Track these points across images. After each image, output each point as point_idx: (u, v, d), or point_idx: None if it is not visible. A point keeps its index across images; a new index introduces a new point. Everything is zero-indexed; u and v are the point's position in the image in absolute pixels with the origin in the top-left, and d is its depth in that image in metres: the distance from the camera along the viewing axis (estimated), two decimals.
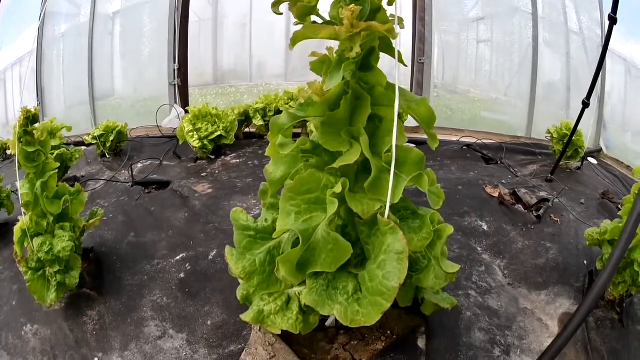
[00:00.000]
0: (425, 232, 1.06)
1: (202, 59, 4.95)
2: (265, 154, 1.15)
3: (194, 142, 2.47)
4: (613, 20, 2.38)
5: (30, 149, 1.60)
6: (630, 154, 3.85)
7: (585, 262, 2.03)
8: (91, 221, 1.83)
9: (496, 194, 2.19)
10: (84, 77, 4.41)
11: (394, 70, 0.90)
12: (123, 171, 2.90)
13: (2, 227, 2.27)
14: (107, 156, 3.24)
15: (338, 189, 0.98)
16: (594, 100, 3.88)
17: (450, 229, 1.06)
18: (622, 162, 3.78)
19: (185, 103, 3.62)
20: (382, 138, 1.03)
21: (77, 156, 2.88)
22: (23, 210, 1.64)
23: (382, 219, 0.96)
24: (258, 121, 2.73)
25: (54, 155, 2.76)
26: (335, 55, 0.96)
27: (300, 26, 0.96)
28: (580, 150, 2.92)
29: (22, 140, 1.61)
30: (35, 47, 4.74)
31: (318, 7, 1.04)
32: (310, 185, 1.04)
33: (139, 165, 2.92)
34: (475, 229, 1.94)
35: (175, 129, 2.95)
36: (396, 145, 0.95)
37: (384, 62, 1.03)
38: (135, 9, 4.13)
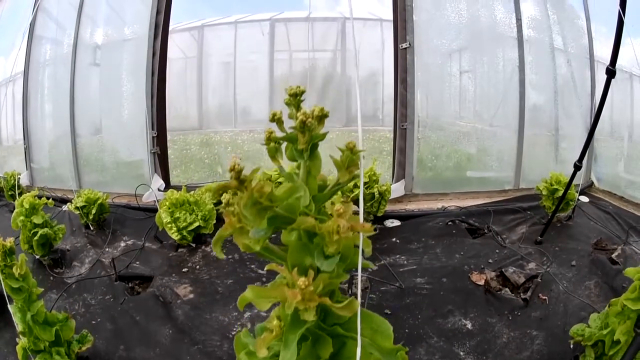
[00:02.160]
0: None
1: (187, 99, 4.83)
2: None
3: (174, 235, 2.44)
4: (611, 74, 2.28)
5: (14, 284, 1.65)
6: (623, 183, 3.78)
7: (572, 346, 2.03)
8: (83, 348, 1.89)
9: (482, 281, 2.15)
10: (67, 117, 4.24)
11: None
12: (107, 249, 2.88)
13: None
14: (91, 227, 3.21)
15: None
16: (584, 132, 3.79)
17: None
18: (615, 194, 3.72)
19: (165, 172, 3.52)
20: None
21: (61, 235, 2.87)
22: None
23: None
24: None
25: (38, 235, 2.71)
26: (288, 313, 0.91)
27: None
28: (570, 203, 2.86)
29: (4, 272, 1.64)
30: (23, 71, 4.48)
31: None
32: None
33: (122, 244, 2.91)
34: (458, 330, 1.92)
35: (156, 201, 2.91)
36: None
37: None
38: (114, 60, 3.91)
